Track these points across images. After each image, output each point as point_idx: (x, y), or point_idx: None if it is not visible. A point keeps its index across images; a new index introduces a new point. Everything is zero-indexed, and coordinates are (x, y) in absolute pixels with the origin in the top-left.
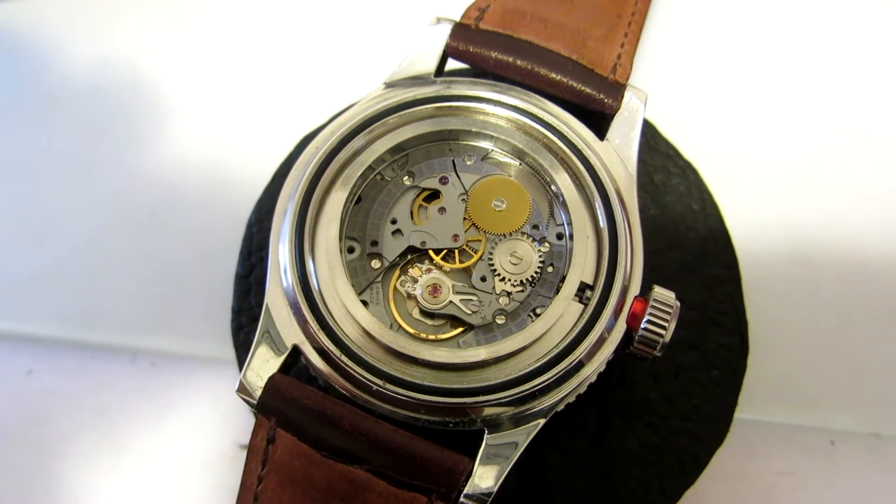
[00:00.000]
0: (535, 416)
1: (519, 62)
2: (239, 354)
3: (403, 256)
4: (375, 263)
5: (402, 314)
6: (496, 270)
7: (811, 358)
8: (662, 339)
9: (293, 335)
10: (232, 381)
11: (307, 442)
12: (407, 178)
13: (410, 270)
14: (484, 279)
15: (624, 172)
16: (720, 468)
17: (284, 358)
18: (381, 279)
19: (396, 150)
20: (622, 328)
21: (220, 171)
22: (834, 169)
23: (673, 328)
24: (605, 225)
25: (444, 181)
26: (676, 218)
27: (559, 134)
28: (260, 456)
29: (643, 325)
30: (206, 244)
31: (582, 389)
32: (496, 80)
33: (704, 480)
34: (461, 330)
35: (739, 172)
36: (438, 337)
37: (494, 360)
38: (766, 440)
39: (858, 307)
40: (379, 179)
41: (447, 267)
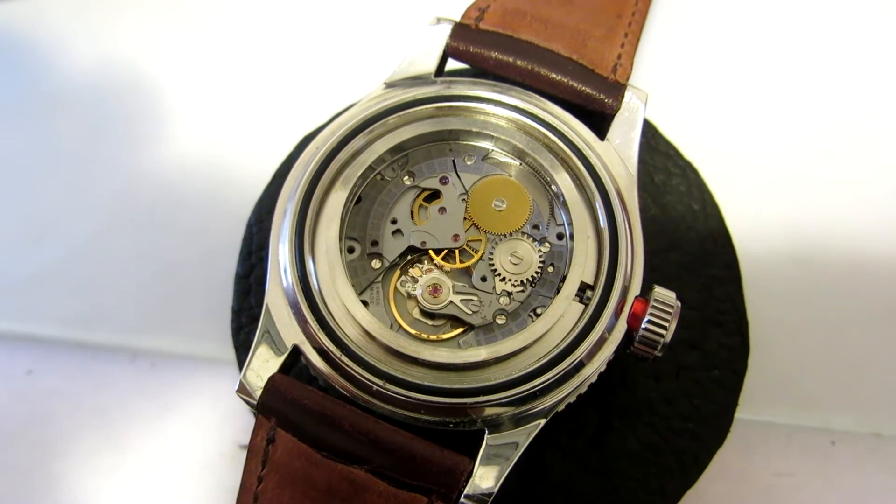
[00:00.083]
0: (535, 416)
1: (519, 62)
2: (239, 354)
3: (404, 256)
4: (376, 263)
5: (402, 314)
6: (496, 270)
7: (812, 358)
8: (663, 339)
9: (293, 335)
10: (232, 381)
11: (307, 442)
12: (407, 178)
13: (411, 270)
14: (484, 279)
15: (624, 172)
16: (721, 468)
17: (284, 358)
18: (381, 279)
19: (396, 150)
20: (623, 328)
21: (219, 171)
22: (834, 169)
23: (673, 328)
24: (605, 225)
25: (444, 181)
26: (677, 218)
27: (559, 134)
28: (260, 456)
29: (644, 325)
30: (206, 244)
31: (582, 389)
32: (496, 80)
33: (705, 481)
34: (461, 330)
35: (740, 172)
36: (439, 337)
37: (495, 360)
38: (766, 440)
39: (859, 307)
40: (379, 179)
41: (447, 267)
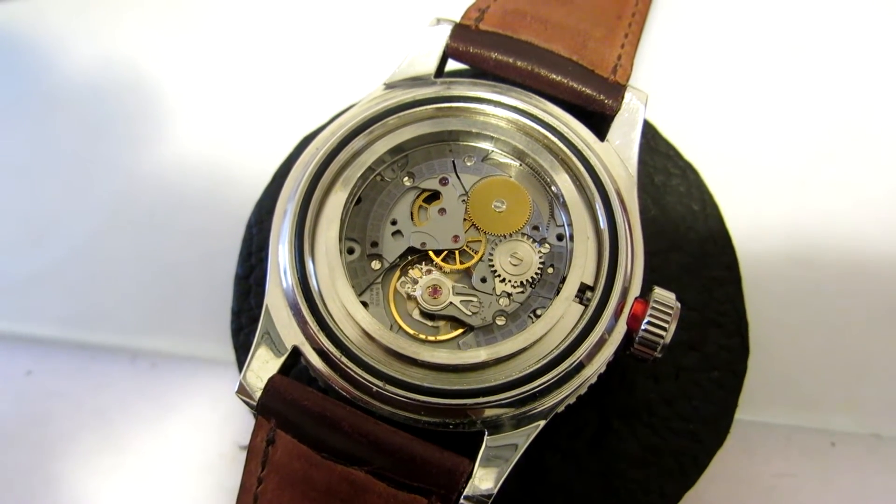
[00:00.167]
0: (535, 417)
1: (519, 63)
2: (239, 355)
3: (403, 257)
4: (375, 264)
5: (402, 315)
6: (496, 271)
7: (811, 359)
8: (663, 340)
9: (293, 336)
10: (232, 382)
11: (307, 443)
12: (407, 178)
13: (410, 271)
14: (484, 280)
15: (624, 173)
16: (720, 469)
17: (284, 359)
18: (381, 280)
19: (396, 150)
20: (622, 329)
21: (219, 171)
22: (834, 170)
23: (673, 329)
24: (605, 226)
25: (444, 182)
26: (677, 219)
27: (559, 135)
28: (260, 457)
29: (643, 326)
30: (205, 245)
31: (582, 391)
32: (496, 80)
33: (704, 482)
34: (461, 331)
35: (740, 173)
36: (438, 338)
37: (494, 361)
38: (766, 441)
39: (859, 308)
40: (379, 180)
41: (447, 268)
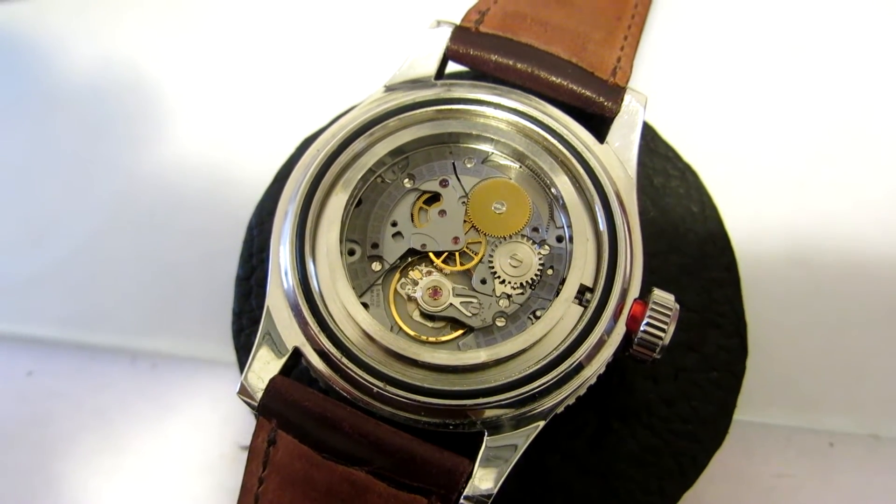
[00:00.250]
0: (534, 418)
1: (519, 65)
2: (240, 356)
3: (404, 259)
4: (376, 266)
5: (402, 316)
6: (496, 273)
7: (810, 360)
8: (662, 341)
9: (294, 337)
10: (232, 382)
11: (308, 444)
12: (407, 180)
13: (411, 273)
14: (484, 281)
15: (624, 175)
16: (719, 470)
17: (285, 360)
18: (381, 281)
19: (397, 152)
20: (622, 330)
21: (220, 172)
22: (833, 171)
23: (672, 330)
24: (604, 227)
25: (444, 184)
26: (676, 220)
27: (559, 137)
28: (261, 457)
29: (643, 327)
30: (206, 246)
31: (581, 392)
32: (496, 82)
33: (703, 482)
34: (461, 332)
35: (739, 175)
36: (439, 339)
37: (494, 362)
38: (765, 442)
39: (858, 309)
40: (379, 182)
41: (447, 269)
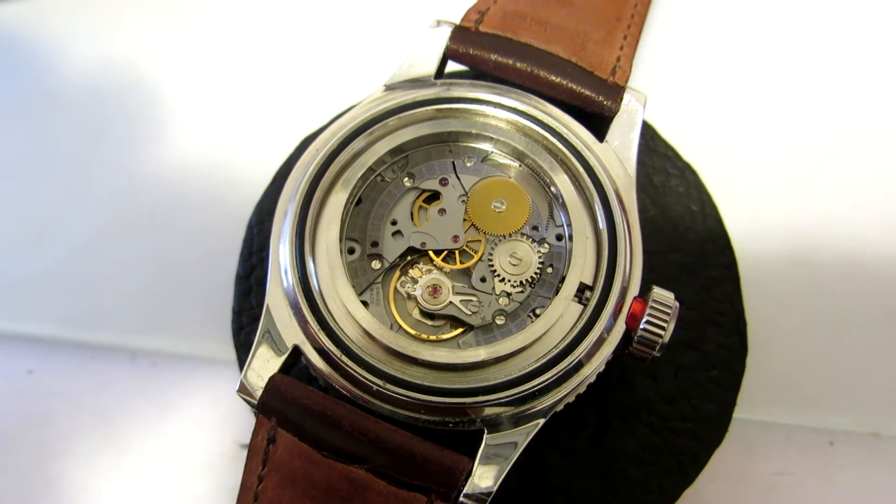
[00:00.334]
0: (534, 416)
1: (519, 64)
2: (239, 355)
3: (404, 257)
4: (376, 264)
5: (402, 315)
6: (496, 271)
7: (810, 358)
8: (661, 339)
9: (294, 335)
10: (232, 381)
11: (307, 442)
12: (407, 179)
13: (410, 271)
14: (484, 280)
15: (623, 174)
16: (719, 468)
17: (285, 358)
18: (381, 280)
19: (396, 151)
20: (621, 329)
21: (220, 172)
22: (833, 170)
23: (672, 329)
24: (604, 226)
25: (444, 182)
26: (675, 219)
27: (559, 136)
28: (260, 456)
29: (642, 325)
30: (206, 245)
31: (581, 390)
32: (496, 82)
33: (703, 480)
34: (461, 330)
35: (738, 173)
36: (438, 337)
37: (494, 360)
38: (765, 440)
39: (857, 308)
40: (379, 181)
41: (447, 268)
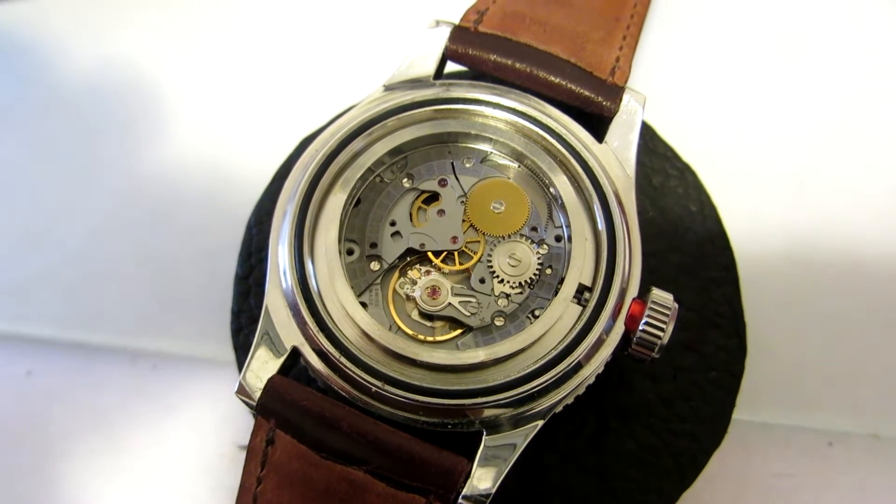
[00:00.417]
0: (533, 417)
1: (518, 65)
2: (238, 356)
3: (402, 258)
4: (374, 265)
5: (401, 316)
6: (495, 272)
7: (809, 359)
8: (660, 340)
9: (292, 337)
10: (231, 382)
11: (306, 443)
12: (406, 180)
13: (409, 272)
14: (483, 281)
15: (622, 174)
16: (718, 470)
17: (284, 359)
18: (380, 281)
19: (395, 152)
20: (620, 330)
21: (219, 172)
22: (832, 171)
23: (671, 330)
24: (603, 227)
25: (443, 183)
26: (675, 220)
27: (558, 136)
28: (259, 457)
29: (641, 326)
30: (205, 245)
31: (580, 391)
32: (495, 82)
33: (702, 482)
34: (460, 332)
35: (738, 174)
36: (437, 339)
37: (493, 361)
38: (764, 441)
39: (857, 309)
40: (378, 182)
41: (446, 269)
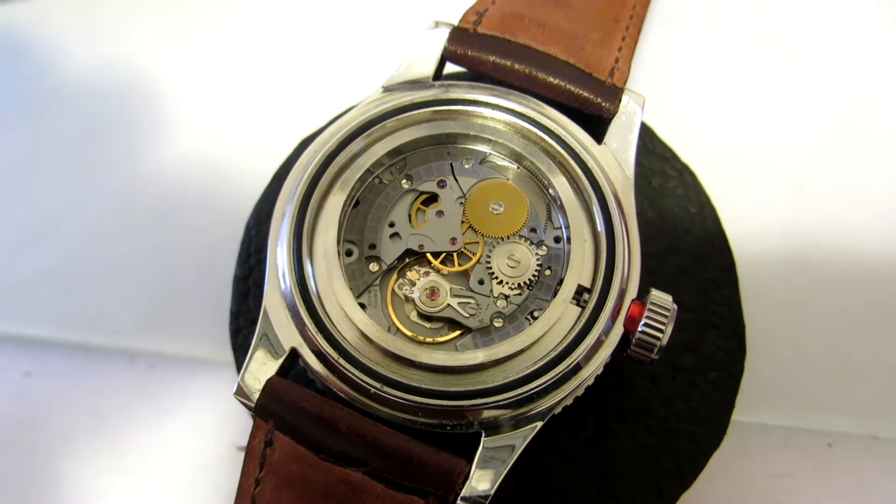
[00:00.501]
0: (532, 418)
1: (517, 66)
2: (237, 357)
3: (401, 259)
4: (373, 266)
5: (399, 317)
6: (494, 273)
7: (809, 360)
8: (660, 342)
9: (291, 338)
10: (230, 383)
11: (305, 444)
12: (405, 181)
13: (408, 273)
14: (482, 282)
15: (621, 175)
16: (718, 470)
17: (282, 361)
18: (378, 282)
19: (395, 153)
20: (619, 331)
21: (218, 173)
22: (831, 171)
23: (670, 331)
24: (602, 228)
25: (442, 184)
26: (674, 221)
27: (557, 137)
28: (257, 458)
29: (640, 328)
30: (204, 246)
31: (579, 392)
32: (494, 83)
33: (702, 483)
34: (459, 333)
35: (737, 175)
36: (436, 340)
37: (492, 363)
38: (763, 442)
39: (856, 309)
40: (377, 183)
41: (445, 270)
